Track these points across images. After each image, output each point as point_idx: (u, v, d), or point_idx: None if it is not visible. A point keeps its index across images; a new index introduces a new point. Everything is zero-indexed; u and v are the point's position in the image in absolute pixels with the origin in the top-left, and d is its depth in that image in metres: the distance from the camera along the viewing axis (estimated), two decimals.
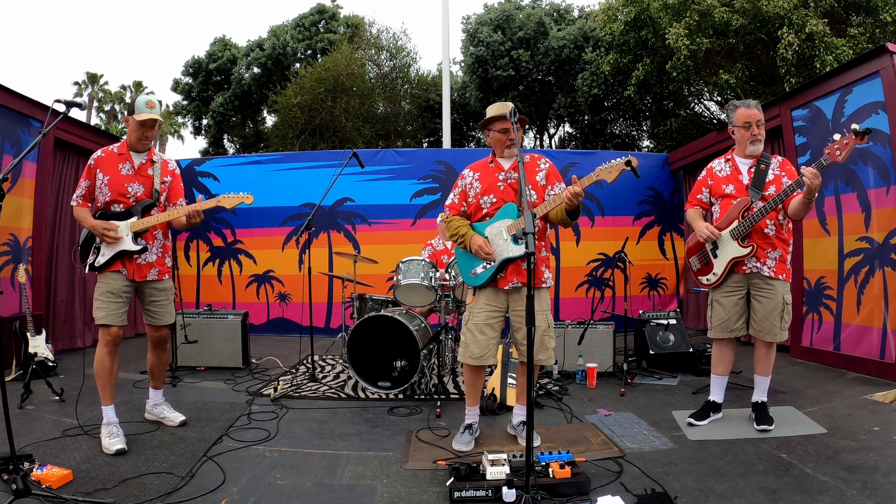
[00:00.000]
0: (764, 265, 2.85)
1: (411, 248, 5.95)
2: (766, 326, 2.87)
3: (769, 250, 2.85)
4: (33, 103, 4.85)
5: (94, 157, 2.89)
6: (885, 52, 3.88)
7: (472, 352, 2.72)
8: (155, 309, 2.97)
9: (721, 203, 2.99)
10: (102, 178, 2.84)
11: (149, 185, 2.91)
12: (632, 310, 5.44)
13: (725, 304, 2.95)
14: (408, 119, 15.07)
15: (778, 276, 2.84)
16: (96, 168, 2.86)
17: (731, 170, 3.00)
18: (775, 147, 5.32)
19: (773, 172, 2.90)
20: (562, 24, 13.53)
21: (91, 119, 23.32)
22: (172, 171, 3.06)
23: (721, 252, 2.93)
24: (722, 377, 3.08)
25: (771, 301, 2.85)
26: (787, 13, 7.37)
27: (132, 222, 2.82)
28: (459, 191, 2.90)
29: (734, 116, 2.97)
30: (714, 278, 2.97)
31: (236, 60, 15.52)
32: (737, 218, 2.87)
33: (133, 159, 2.91)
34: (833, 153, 2.55)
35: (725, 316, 2.95)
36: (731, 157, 3.03)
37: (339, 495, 2.22)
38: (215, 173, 7.03)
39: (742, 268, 2.88)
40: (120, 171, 2.86)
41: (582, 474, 2.22)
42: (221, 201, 2.86)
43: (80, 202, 2.88)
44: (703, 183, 3.10)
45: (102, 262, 2.80)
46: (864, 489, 2.13)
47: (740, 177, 2.95)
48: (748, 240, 2.85)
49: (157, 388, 3.16)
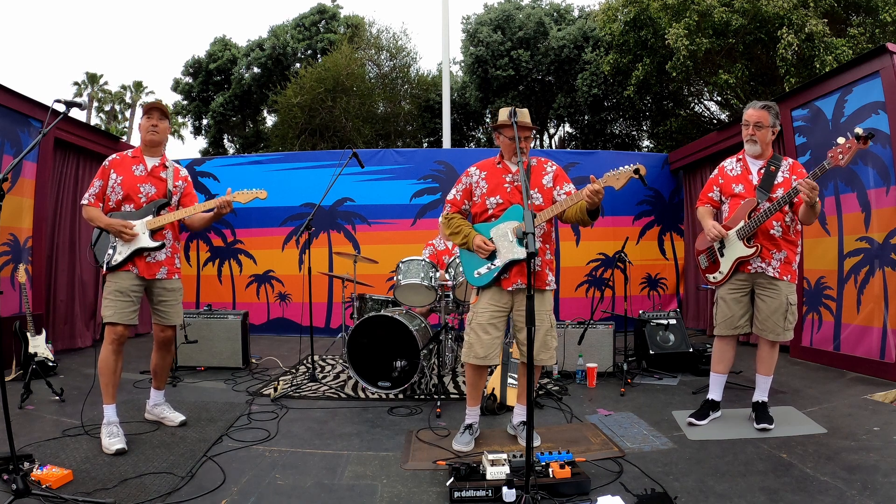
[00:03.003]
0: (769, 265, 2.87)
1: (411, 248, 5.95)
2: (768, 325, 2.89)
3: (774, 251, 2.87)
4: (33, 103, 4.85)
5: (109, 158, 2.98)
6: (885, 52, 3.88)
7: (476, 352, 2.72)
8: (164, 309, 3.00)
9: (730, 202, 3.02)
10: (115, 178, 2.90)
11: (162, 187, 2.98)
12: (632, 310, 5.44)
13: (730, 301, 2.98)
14: (408, 119, 15.06)
15: (783, 276, 2.86)
16: (110, 169, 2.93)
17: (742, 169, 3.02)
18: (775, 147, 5.30)
19: (783, 175, 2.92)
20: (562, 24, 13.52)
21: (91, 119, 23.31)
22: (185, 177, 3.14)
23: (728, 251, 2.96)
24: (722, 376, 3.10)
25: (774, 301, 2.87)
26: (787, 13, 7.36)
27: (149, 220, 2.87)
28: (463, 187, 2.88)
29: (743, 117, 3.02)
30: (720, 276, 3.01)
31: (236, 60, 15.52)
32: (743, 218, 2.89)
33: (147, 162, 2.98)
34: (836, 157, 2.57)
35: (730, 313, 2.98)
36: (743, 156, 3.06)
37: (339, 495, 2.23)
38: (215, 173, 7.03)
39: (747, 267, 2.91)
40: (133, 172, 2.93)
41: (582, 474, 2.22)
42: (237, 197, 2.94)
43: (91, 201, 2.91)
44: (714, 181, 3.13)
45: (120, 259, 2.83)
46: (864, 489, 2.13)
47: (750, 177, 2.97)
48: (754, 240, 2.86)
49: (158, 388, 3.17)
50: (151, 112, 2.96)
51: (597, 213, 2.56)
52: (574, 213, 2.61)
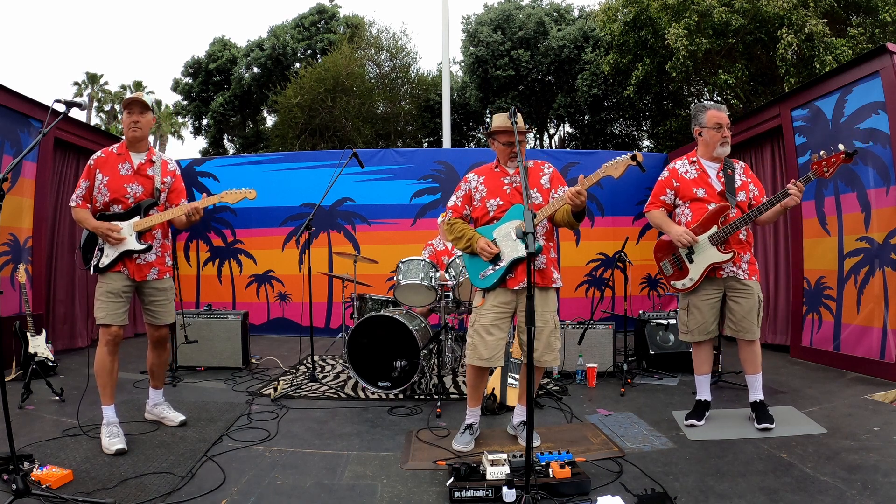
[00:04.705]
0: (739, 269, 2.91)
1: (411, 248, 5.95)
2: (745, 325, 2.92)
3: (742, 254, 2.91)
4: (33, 103, 4.85)
5: (94, 157, 2.89)
6: (885, 52, 3.88)
7: (480, 353, 2.71)
8: (155, 308, 2.97)
9: (692, 206, 2.97)
10: (101, 179, 2.83)
11: (149, 186, 2.90)
12: (632, 310, 5.44)
13: (703, 309, 2.98)
14: (408, 119, 15.07)
15: (752, 276, 2.93)
16: (95, 168, 2.85)
17: (699, 172, 2.98)
18: (775, 147, 5.32)
19: (740, 178, 2.95)
20: (562, 24, 13.52)
21: (91, 119, 23.35)
22: (173, 171, 3.04)
23: (698, 257, 2.92)
24: (707, 376, 3.15)
25: (748, 301, 2.91)
26: (787, 13, 7.36)
27: (135, 222, 2.82)
28: (463, 193, 2.90)
29: (704, 118, 2.96)
30: (690, 283, 2.97)
31: (236, 60, 15.53)
32: (716, 224, 2.87)
33: (132, 159, 2.90)
34: (821, 170, 2.62)
35: (703, 319, 2.99)
36: (697, 158, 3.02)
37: (339, 495, 2.23)
38: (215, 173, 7.03)
39: (720, 272, 2.91)
40: (119, 171, 2.85)
41: (582, 474, 2.22)
42: (224, 197, 2.88)
43: (79, 203, 2.86)
44: (667, 184, 3.06)
45: (107, 262, 2.80)
46: (864, 489, 2.13)
47: (709, 180, 2.95)
48: (726, 246, 2.87)
49: (157, 387, 3.16)
50: (132, 106, 2.85)
51: (582, 214, 2.56)
52: (561, 215, 2.64)
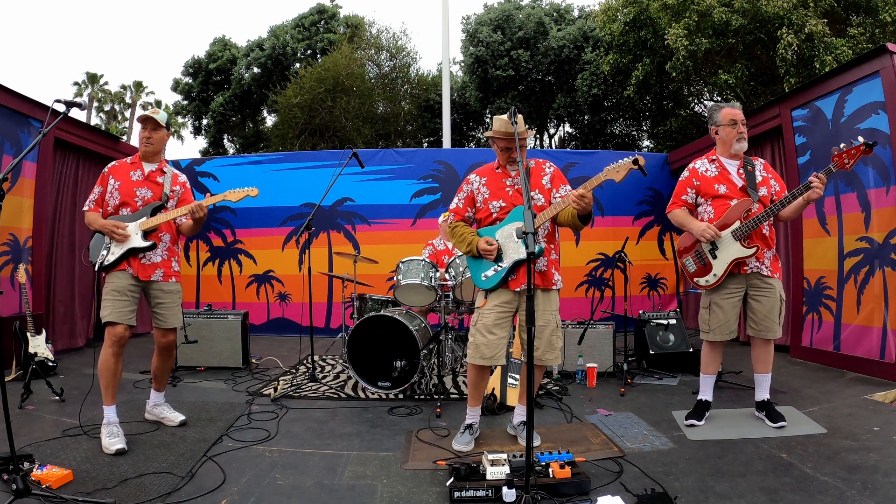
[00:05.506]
0: (763, 264, 2.90)
1: (411, 248, 5.95)
2: (766, 325, 2.91)
3: (765, 250, 2.90)
4: (33, 103, 4.86)
5: (109, 165, 3.06)
6: (885, 52, 3.88)
7: (482, 353, 2.72)
8: (161, 311, 3.01)
9: (714, 203, 2.97)
10: (114, 184, 2.97)
11: (158, 191, 3.03)
12: (632, 310, 5.44)
13: (725, 307, 2.96)
14: (408, 119, 15.06)
15: (774, 274, 2.92)
16: (109, 175, 3.01)
17: (719, 170, 2.99)
18: (775, 147, 5.32)
19: (761, 174, 2.96)
20: (562, 24, 13.52)
21: (91, 119, 23.30)
22: (183, 183, 3.17)
23: (721, 253, 2.92)
24: (713, 377, 3.14)
25: (770, 299, 2.90)
26: (787, 13, 7.36)
27: (141, 221, 2.91)
28: (465, 195, 2.90)
29: (719, 116, 3.00)
30: (714, 279, 2.96)
31: (236, 60, 15.52)
32: (739, 219, 2.87)
33: (144, 168, 3.05)
34: (841, 162, 2.62)
35: (725, 318, 2.97)
36: (716, 157, 3.04)
37: (339, 495, 2.23)
38: (215, 173, 7.03)
39: (744, 268, 2.90)
40: (130, 177, 3.00)
41: (582, 474, 2.22)
42: (228, 196, 2.96)
43: (91, 207, 3.00)
44: (687, 184, 3.07)
45: (112, 259, 2.86)
46: (864, 489, 2.13)
47: (730, 177, 2.95)
48: (749, 241, 2.86)
49: (159, 390, 3.17)
50: (145, 123, 3.01)
51: (588, 217, 2.56)
52: (566, 216, 2.64)
